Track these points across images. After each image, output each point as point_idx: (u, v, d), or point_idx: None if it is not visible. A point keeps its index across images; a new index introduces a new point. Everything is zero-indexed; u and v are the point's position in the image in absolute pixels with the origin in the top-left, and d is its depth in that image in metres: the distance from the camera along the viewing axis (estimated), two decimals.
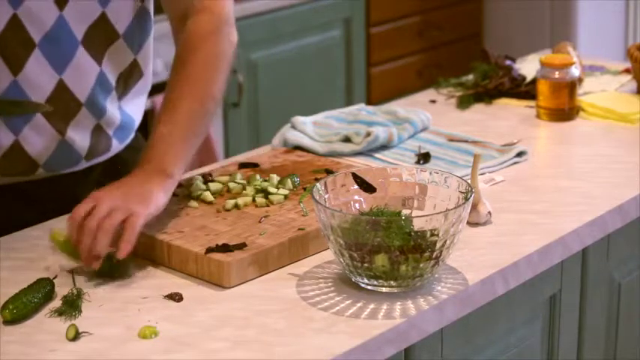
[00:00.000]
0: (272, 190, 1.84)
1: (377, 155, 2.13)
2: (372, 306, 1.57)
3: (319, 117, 2.29)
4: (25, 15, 1.80)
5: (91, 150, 1.94)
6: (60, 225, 1.83)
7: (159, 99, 3.31)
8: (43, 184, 1.93)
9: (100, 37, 1.88)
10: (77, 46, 1.86)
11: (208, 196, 1.84)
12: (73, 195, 1.85)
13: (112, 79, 1.93)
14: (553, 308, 1.89)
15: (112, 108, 1.95)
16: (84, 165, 1.96)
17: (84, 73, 1.88)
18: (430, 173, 1.69)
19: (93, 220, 1.64)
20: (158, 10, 1.98)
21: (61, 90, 1.86)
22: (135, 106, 2.01)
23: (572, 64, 2.35)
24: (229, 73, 1.92)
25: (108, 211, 1.65)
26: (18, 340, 1.49)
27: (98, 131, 1.94)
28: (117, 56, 1.92)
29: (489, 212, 1.83)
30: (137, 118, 2.03)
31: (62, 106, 1.87)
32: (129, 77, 1.96)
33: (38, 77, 1.83)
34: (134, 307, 1.57)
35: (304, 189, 1.86)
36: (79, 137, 1.91)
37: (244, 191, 1.86)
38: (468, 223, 1.81)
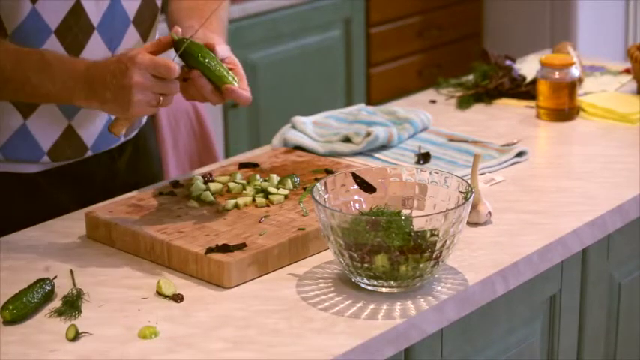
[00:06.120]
0: (272, 190, 1.84)
1: (377, 155, 2.13)
2: (372, 306, 1.57)
3: (319, 117, 2.29)
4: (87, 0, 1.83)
5: (129, 127, 1.97)
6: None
7: None
8: (86, 165, 1.96)
9: (147, 13, 1.93)
10: (128, 25, 1.90)
11: (208, 196, 1.84)
12: (110, 173, 1.96)
13: None
14: (553, 308, 1.89)
15: None
16: (121, 141, 2.00)
17: None
18: (430, 173, 1.69)
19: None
20: None
21: None
22: None
23: (572, 64, 2.35)
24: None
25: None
26: (18, 340, 1.49)
27: None
28: (155, 33, 1.97)
29: (489, 212, 1.83)
30: None
31: None
32: None
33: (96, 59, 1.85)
34: (134, 307, 1.57)
35: (304, 189, 1.86)
36: None
37: (244, 191, 1.86)
38: (468, 223, 1.81)
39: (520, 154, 2.12)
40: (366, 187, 1.70)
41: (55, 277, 1.62)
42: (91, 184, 1.97)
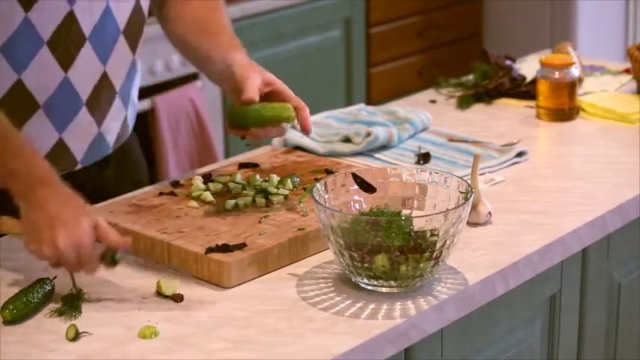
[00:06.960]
0: (272, 190, 1.84)
1: (377, 155, 2.13)
2: (372, 306, 1.57)
3: (319, 117, 2.29)
4: (80, 10, 1.82)
5: (117, 139, 1.98)
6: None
7: (159, 98, 3.32)
8: (75, 177, 1.94)
9: (137, 24, 1.92)
10: (118, 36, 1.89)
11: (208, 196, 1.84)
12: (98, 183, 1.93)
13: (139, 67, 1.98)
14: (553, 308, 1.89)
15: (135, 95, 2.00)
16: (108, 152, 1.99)
17: (121, 62, 1.92)
18: (430, 173, 1.69)
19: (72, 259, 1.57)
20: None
21: (104, 81, 1.89)
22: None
23: (572, 64, 2.35)
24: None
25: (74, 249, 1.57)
26: (18, 340, 1.49)
27: (125, 119, 1.98)
28: (143, 43, 1.97)
29: (489, 212, 1.83)
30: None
31: (103, 98, 1.90)
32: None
33: (87, 71, 1.85)
34: (134, 307, 1.57)
35: (304, 189, 1.86)
36: (113, 127, 1.94)
37: (244, 191, 1.86)
38: (468, 223, 1.81)
39: (520, 154, 2.12)
40: (366, 187, 1.70)
41: (55, 277, 1.62)
42: (80, 195, 1.95)
